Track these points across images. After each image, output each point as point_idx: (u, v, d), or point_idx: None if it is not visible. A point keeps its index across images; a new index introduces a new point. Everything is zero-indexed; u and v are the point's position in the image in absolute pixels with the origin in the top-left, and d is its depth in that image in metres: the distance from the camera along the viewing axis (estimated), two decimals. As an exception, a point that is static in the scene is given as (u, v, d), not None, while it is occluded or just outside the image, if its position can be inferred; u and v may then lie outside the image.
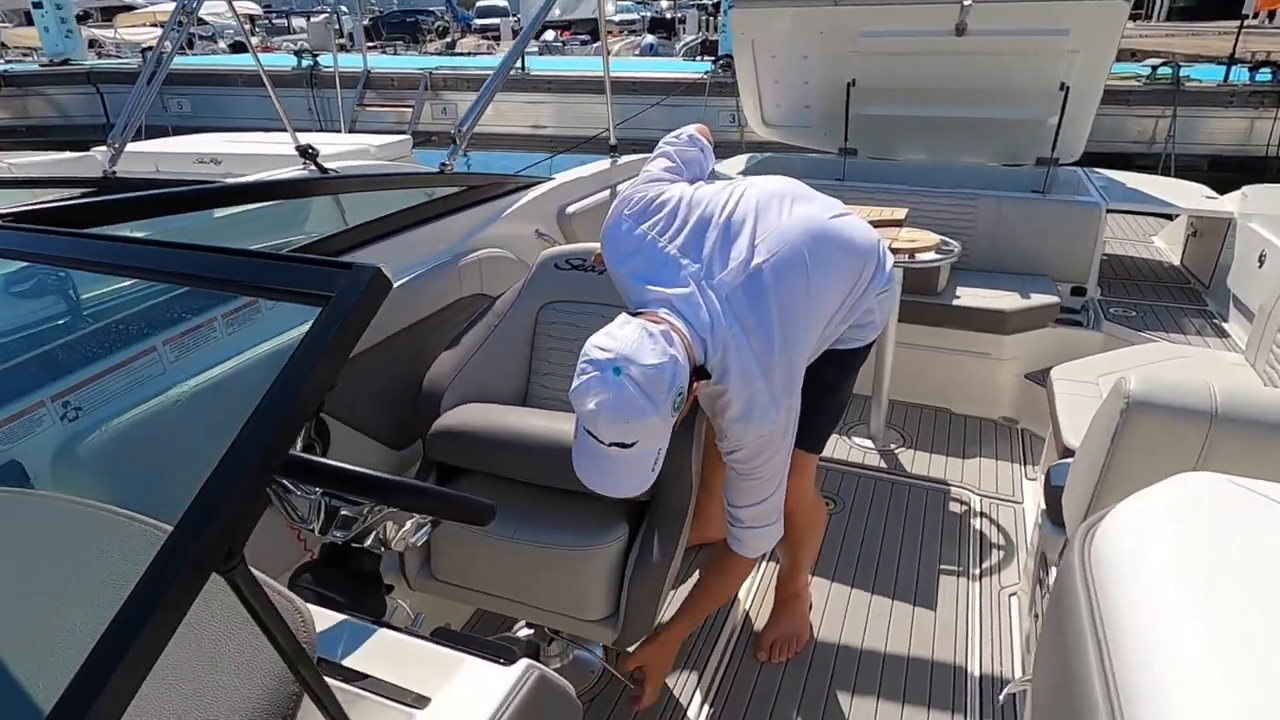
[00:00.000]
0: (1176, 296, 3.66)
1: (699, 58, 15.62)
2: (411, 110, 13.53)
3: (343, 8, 20.76)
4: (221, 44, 21.55)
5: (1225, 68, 11.02)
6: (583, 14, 22.49)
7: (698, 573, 2.43)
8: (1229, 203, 3.68)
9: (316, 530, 1.25)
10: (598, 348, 1.34)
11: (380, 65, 14.85)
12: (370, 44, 18.80)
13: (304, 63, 13.98)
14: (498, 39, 22.22)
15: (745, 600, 2.36)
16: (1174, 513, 0.78)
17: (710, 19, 20.35)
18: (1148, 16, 21.23)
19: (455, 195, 2.57)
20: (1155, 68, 10.93)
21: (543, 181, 3.06)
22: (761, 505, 1.68)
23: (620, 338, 1.34)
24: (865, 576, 2.44)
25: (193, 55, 18.13)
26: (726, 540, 1.78)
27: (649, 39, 20.72)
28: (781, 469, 1.65)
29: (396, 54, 19.92)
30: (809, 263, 1.54)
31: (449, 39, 23.14)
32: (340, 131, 9.93)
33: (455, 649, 0.98)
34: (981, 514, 2.74)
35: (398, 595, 1.44)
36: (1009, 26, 3.55)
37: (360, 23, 17.95)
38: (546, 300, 2.07)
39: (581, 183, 3.28)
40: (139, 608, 0.50)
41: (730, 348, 1.49)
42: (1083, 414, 2.09)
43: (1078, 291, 3.47)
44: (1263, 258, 3.15)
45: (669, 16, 23.91)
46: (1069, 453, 2.12)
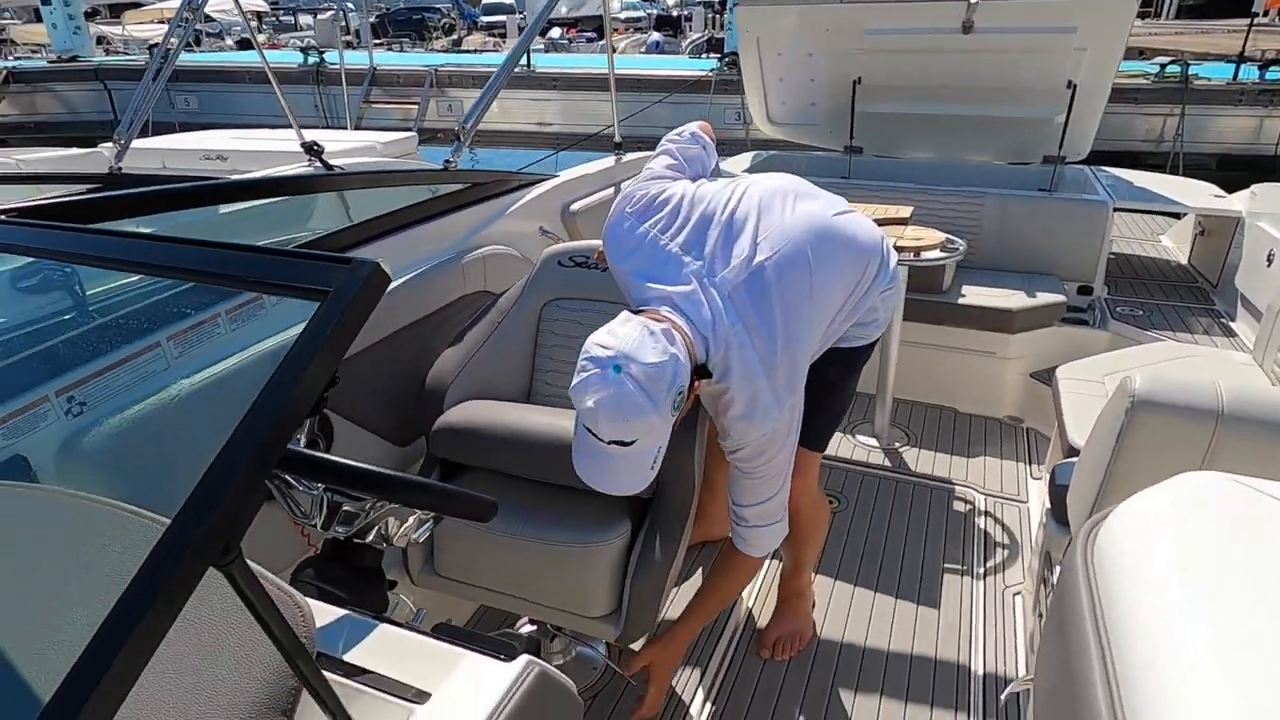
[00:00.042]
0: (1184, 296, 3.64)
1: (705, 55, 15.58)
2: (417, 107, 13.53)
3: (349, 5, 20.77)
4: (228, 41, 21.62)
5: (1234, 66, 10.95)
6: (589, 11, 22.47)
7: (700, 571, 2.43)
8: (1237, 201, 3.66)
9: (319, 526, 1.26)
10: (598, 345, 1.34)
11: (386, 62, 14.86)
12: (376, 41, 18.84)
13: (310, 60, 13.98)
14: (504, 36, 22.23)
15: (748, 598, 2.36)
16: (1178, 512, 0.78)
17: (716, 16, 20.30)
18: (1157, 14, 21.11)
19: (459, 192, 2.57)
20: (1164, 66, 10.86)
21: (547, 179, 3.06)
22: (766, 504, 1.68)
23: (621, 335, 1.34)
24: (869, 575, 2.44)
25: (200, 52, 18.19)
26: (731, 540, 1.78)
27: (655, 36, 20.71)
28: (785, 467, 1.65)
29: (403, 51, 19.94)
30: (812, 260, 1.54)
31: (455, 36, 23.19)
32: (346, 128, 9.95)
33: (456, 645, 0.98)
34: (986, 513, 2.73)
35: (401, 591, 1.44)
36: (1016, 24, 3.53)
37: (367, 20, 17.95)
38: (550, 297, 2.07)
39: (586, 180, 3.27)
40: (136, 602, 0.50)
41: (732, 346, 1.49)
42: (1088, 413, 2.08)
43: (1084, 290, 3.45)
44: (1271, 257, 3.13)
45: (675, 14, 23.88)
46: (1074, 452, 2.11)
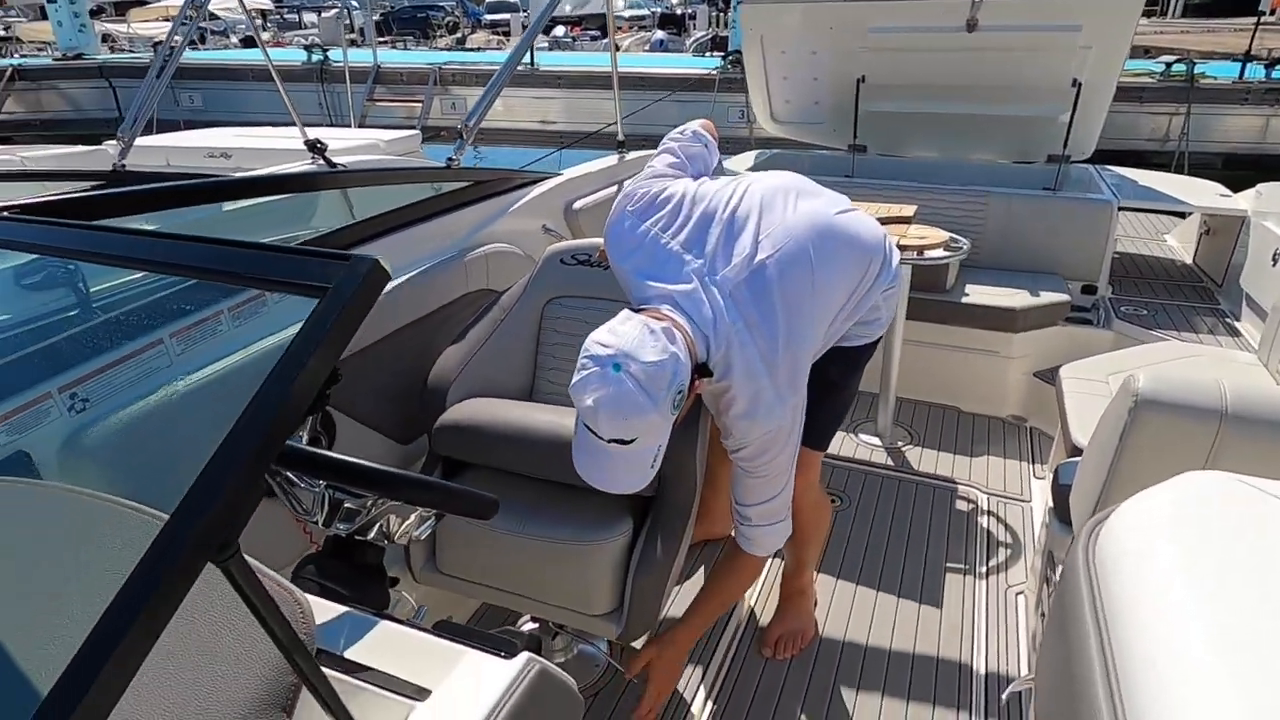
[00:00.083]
0: (1189, 295, 3.62)
1: (709, 53, 15.56)
2: (421, 105, 13.53)
3: (354, 3, 20.80)
4: (233, 39, 21.66)
5: (1241, 64, 10.91)
6: (593, 9, 22.48)
7: (703, 569, 2.43)
8: (1243, 200, 3.64)
9: (320, 523, 1.26)
10: (598, 343, 1.33)
11: (390, 60, 14.87)
12: (381, 39, 18.85)
13: (314, 57, 13.99)
14: (508, 34, 22.23)
15: (750, 596, 2.36)
16: (1180, 511, 0.77)
17: (720, 15, 20.26)
18: (1163, 13, 21.02)
19: (462, 190, 2.57)
20: (1170, 64, 10.82)
21: (550, 177, 3.05)
22: (769, 503, 1.67)
23: (621, 334, 1.34)
24: (871, 574, 2.43)
25: (204, 50, 18.22)
26: (735, 540, 1.77)
27: (659, 34, 20.71)
28: (789, 466, 1.64)
29: (407, 49, 19.95)
30: (814, 259, 1.53)
31: (459, 34, 23.18)
32: (350, 126, 9.95)
33: (456, 642, 0.98)
34: (989, 512, 2.73)
35: (403, 589, 1.45)
36: (1020, 22, 3.52)
37: (371, 18, 17.98)
38: (552, 295, 2.07)
39: (589, 178, 3.27)
40: (133, 598, 0.50)
41: (734, 344, 1.48)
42: (1092, 412, 2.08)
43: (1088, 290, 3.44)
44: (1276, 256, 3.12)
45: (679, 12, 23.85)
46: (1077, 451, 2.10)
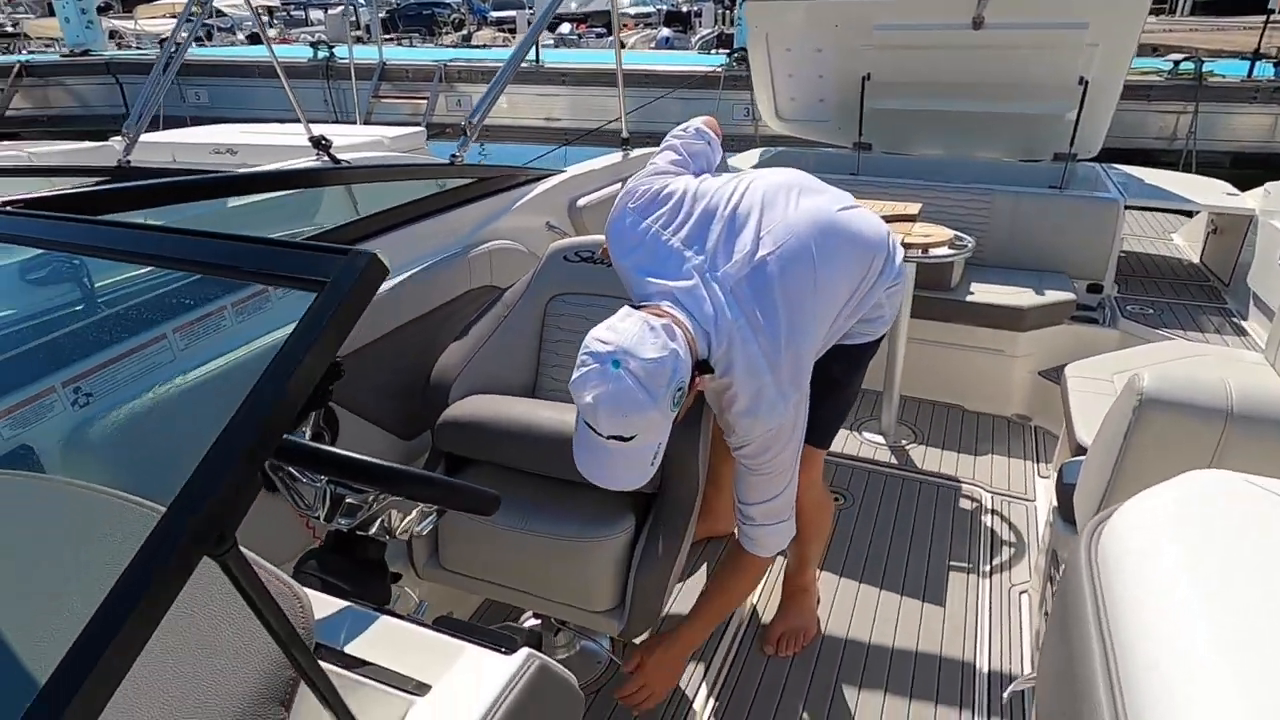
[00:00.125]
0: (1195, 294, 3.61)
1: (714, 51, 15.54)
2: (426, 102, 13.55)
3: (359, 0, 20.81)
4: (239, 36, 21.70)
5: (1249, 63, 10.85)
6: (598, 6, 22.45)
7: (705, 566, 2.43)
8: (1251, 199, 3.62)
9: (322, 518, 1.27)
10: (598, 340, 1.33)
11: (396, 57, 14.87)
12: (386, 36, 18.85)
13: (320, 54, 14.01)
14: (513, 31, 22.21)
15: (752, 594, 2.35)
16: (1183, 510, 0.77)
17: (726, 12, 20.23)
18: (1171, 11, 20.92)
19: (466, 187, 2.57)
20: (1177, 62, 10.77)
21: (554, 174, 3.05)
22: (772, 502, 1.66)
23: (621, 330, 1.33)
24: (874, 572, 2.43)
25: (211, 47, 18.26)
26: (738, 540, 1.76)
27: (665, 32, 20.66)
28: (791, 464, 1.64)
29: (412, 46, 19.96)
30: (816, 256, 1.53)
31: (465, 31, 23.19)
32: (355, 123, 9.96)
33: (457, 637, 0.98)
34: (993, 511, 2.72)
35: (405, 584, 1.45)
36: (1027, 20, 3.51)
37: (376, 15, 17.99)
38: (555, 292, 2.07)
39: (593, 175, 3.27)
40: (129, 590, 0.50)
41: (735, 341, 1.48)
42: (1096, 411, 2.07)
43: (1094, 289, 3.43)
44: None
45: (685, 10, 23.82)
46: (1082, 450, 2.09)
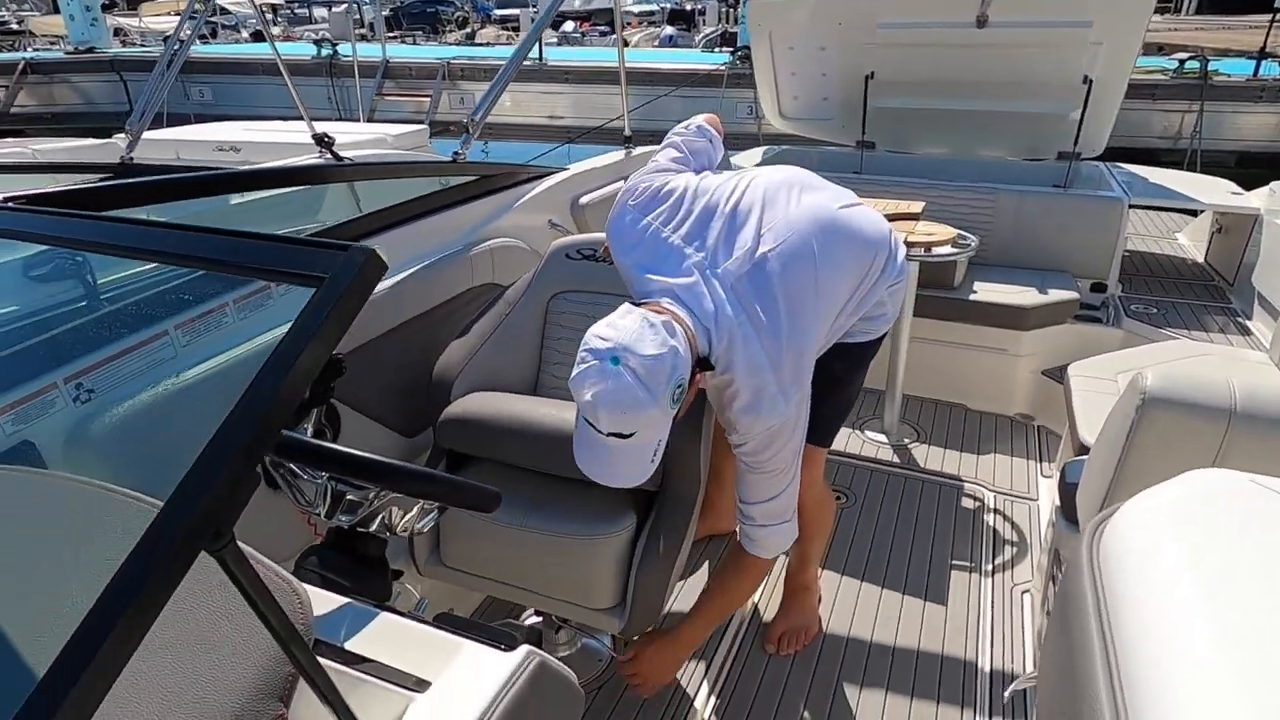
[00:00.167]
0: (1199, 294, 3.60)
1: (718, 49, 15.52)
2: (429, 100, 13.55)
3: (363, -2, 20.84)
4: (243, 33, 21.72)
5: (1255, 62, 10.81)
6: (601, 4, 22.45)
7: (706, 565, 2.43)
8: (1256, 199, 3.61)
9: (323, 514, 1.27)
10: (598, 337, 1.33)
11: (399, 55, 14.87)
12: (390, 34, 18.86)
13: (323, 52, 14.02)
14: (517, 29, 22.21)
15: (754, 592, 2.35)
16: (1185, 509, 0.76)
17: (730, 10, 20.23)
18: (1176, 10, 20.84)
19: (468, 184, 2.57)
20: (1183, 61, 10.73)
21: (556, 171, 3.05)
22: (773, 502, 1.65)
23: (621, 327, 1.33)
24: (876, 571, 2.43)
25: (214, 44, 18.28)
26: (739, 540, 1.75)
27: (668, 30, 20.65)
28: (793, 463, 1.63)
29: (416, 44, 19.97)
30: (817, 253, 1.52)
31: (469, 29, 23.20)
32: (359, 121, 9.95)
33: (457, 634, 0.98)
34: (995, 510, 2.72)
35: (406, 581, 1.45)
36: (1031, 18, 3.50)
37: (380, 13, 18.01)
38: (557, 290, 2.07)
39: (595, 173, 3.27)
40: (126, 586, 0.50)
41: (736, 338, 1.47)
42: (1100, 411, 2.06)
43: (1098, 288, 3.42)
44: None
45: (688, 8, 23.80)
46: (1085, 450, 2.09)
